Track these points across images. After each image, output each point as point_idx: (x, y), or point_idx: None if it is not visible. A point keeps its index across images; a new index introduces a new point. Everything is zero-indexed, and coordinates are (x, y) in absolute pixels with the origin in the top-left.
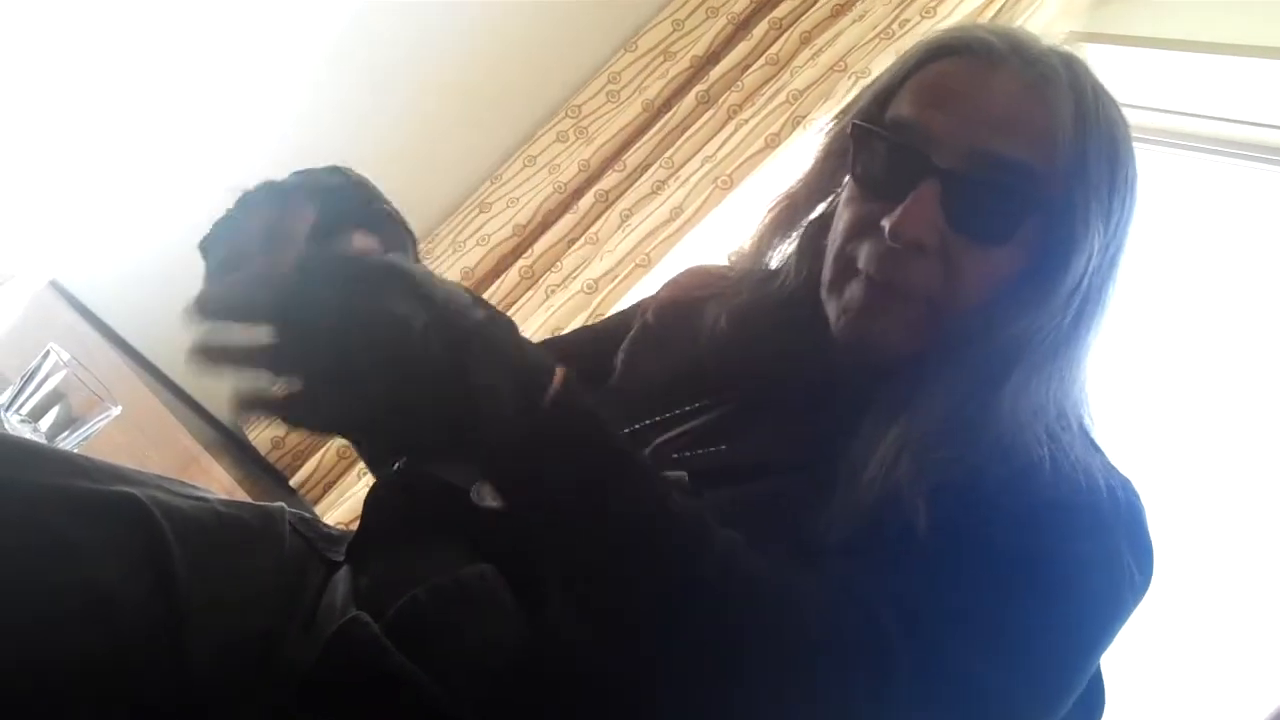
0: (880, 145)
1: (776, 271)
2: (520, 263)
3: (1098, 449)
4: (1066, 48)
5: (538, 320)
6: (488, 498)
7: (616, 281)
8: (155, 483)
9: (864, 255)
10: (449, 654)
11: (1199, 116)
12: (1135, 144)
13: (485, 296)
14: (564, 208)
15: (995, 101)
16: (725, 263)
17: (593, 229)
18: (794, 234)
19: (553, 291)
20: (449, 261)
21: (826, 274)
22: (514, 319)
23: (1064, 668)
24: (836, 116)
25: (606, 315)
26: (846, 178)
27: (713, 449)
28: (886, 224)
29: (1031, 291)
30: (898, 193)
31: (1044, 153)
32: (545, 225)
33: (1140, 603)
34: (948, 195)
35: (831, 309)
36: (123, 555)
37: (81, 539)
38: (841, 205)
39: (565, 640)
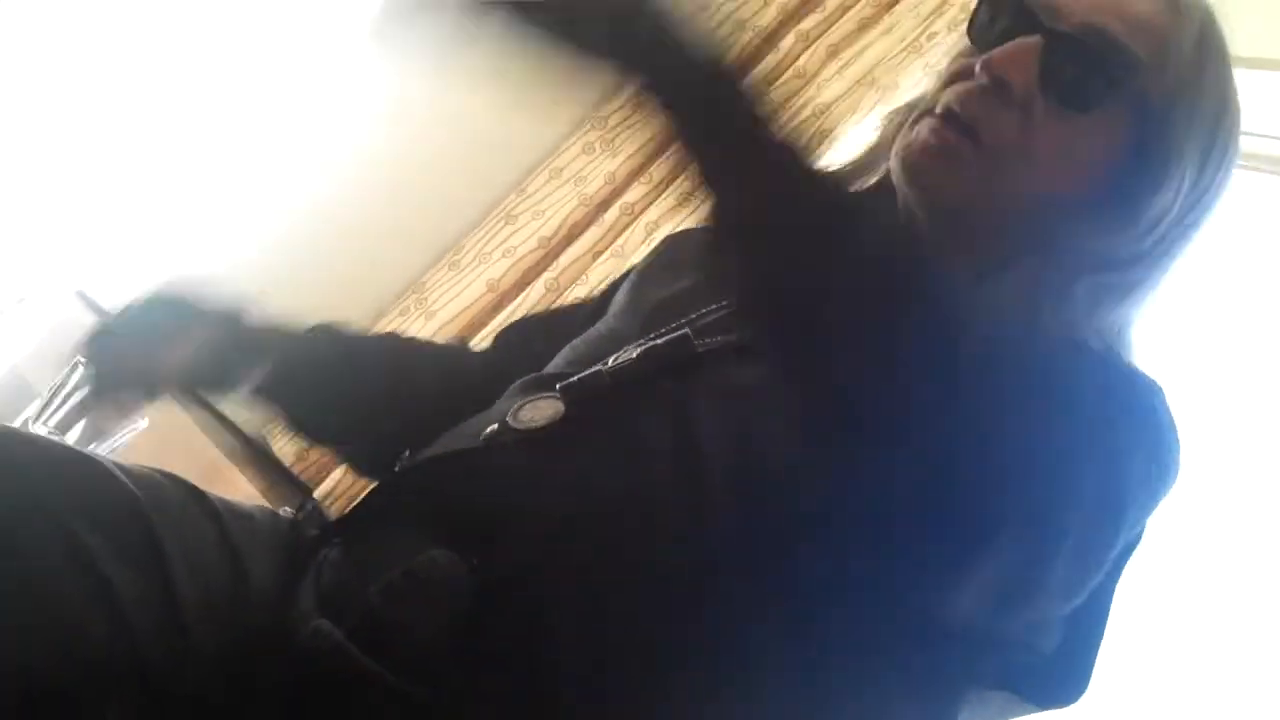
0: (1000, 4)
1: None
2: (546, 275)
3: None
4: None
5: None
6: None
7: None
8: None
9: (947, 97)
10: (406, 644)
11: None
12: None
13: (511, 309)
14: (590, 220)
15: None
16: None
17: (619, 242)
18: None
19: None
20: (475, 273)
21: (907, 126)
22: None
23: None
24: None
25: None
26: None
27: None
28: (977, 62)
29: (1112, 206)
30: (1000, 44)
31: (1155, 54)
32: (571, 238)
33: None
34: (1047, 54)
35: (896, 152)
36: (124, 556)
37: (90, 542)
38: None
39: (521, 610)
